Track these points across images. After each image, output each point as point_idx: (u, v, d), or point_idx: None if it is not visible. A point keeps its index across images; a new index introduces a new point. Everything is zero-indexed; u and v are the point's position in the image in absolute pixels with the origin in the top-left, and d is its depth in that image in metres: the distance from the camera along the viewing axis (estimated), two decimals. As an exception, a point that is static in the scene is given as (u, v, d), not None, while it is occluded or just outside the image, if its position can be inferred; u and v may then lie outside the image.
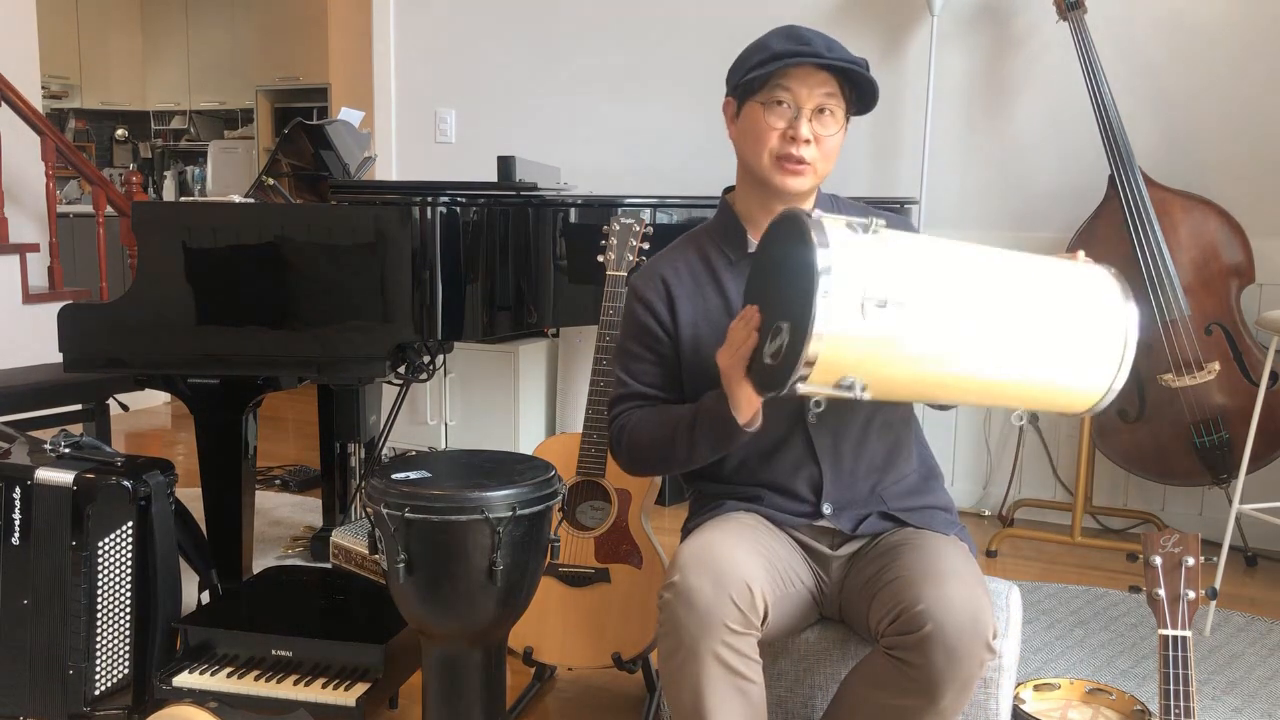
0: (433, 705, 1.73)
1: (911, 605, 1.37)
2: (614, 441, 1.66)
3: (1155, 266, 2.98)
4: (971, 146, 3.53)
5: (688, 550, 1.45)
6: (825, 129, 1.53)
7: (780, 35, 1.56)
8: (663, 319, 1.63)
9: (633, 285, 1.69)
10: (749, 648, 1.43)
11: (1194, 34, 3.21)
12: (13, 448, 2.04)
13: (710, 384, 1.60)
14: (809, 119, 1.52)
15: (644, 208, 2.74)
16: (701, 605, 1.39)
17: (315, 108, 6.62)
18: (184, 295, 2.29)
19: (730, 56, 1.62)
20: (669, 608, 1.42)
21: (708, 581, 1.40)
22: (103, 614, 1.92)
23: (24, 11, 4.87)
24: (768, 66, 1.52)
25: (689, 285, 1.64)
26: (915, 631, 1.36)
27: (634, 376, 1.65)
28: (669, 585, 1.43)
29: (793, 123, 1.52)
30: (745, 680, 1.42)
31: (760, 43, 1.57)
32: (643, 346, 1.65)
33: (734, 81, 1.59)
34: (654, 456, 1.60)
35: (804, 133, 1.51)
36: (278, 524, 3.34)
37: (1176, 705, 1.48)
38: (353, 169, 2.96)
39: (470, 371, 3.88)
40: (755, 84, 1.54)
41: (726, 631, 1.39)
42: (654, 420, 1.59)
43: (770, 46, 1.54)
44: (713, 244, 1.66)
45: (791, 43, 1.53)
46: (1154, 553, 1.54)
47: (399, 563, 1.62)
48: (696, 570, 1.41)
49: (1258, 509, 2.66)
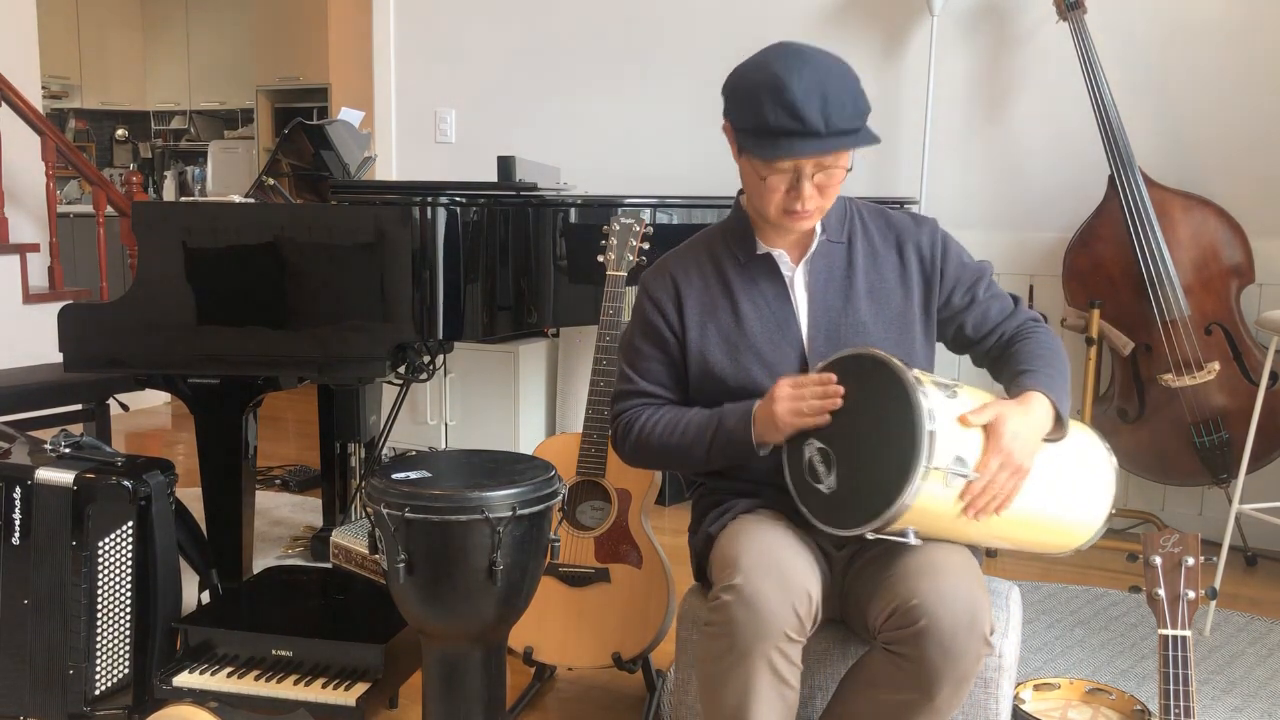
0: (433, 705, 1.73)
1: (907, 600, 1.37)
2: (619, 436, 1.67)
3: (1155, 266, 2.98)
4: (971, 147, 3.53)
5: (750, 552, 1.43)
6: (829, 180, 1.51)
7: (772, 99, 1.42)
8: (671, 319, 1.64)
9: (643, 282, 1.69)
10: (797, 655, 1.43)
11: (1194, 34, 3.20)
12: (13, 448, 2.04)
13: (713, 385, 1.60)
14: (810, 177, 1.49)
15: (644, 208, 2.74)
16: (766, 610, 1.38)
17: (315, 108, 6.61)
18: (184, 295, 2.29)
19: (731, 56, 1.60)
20: (727, 609, 1.39)
21: (774, 586, 1.39)
22: (103, 614, 1.92)
23: (24, 11, 4.87)
24: (763, 147, 1.45)
25: (698, 285, 1.64)
26: (911, 626, 1.36)
27: (640, 374, 1.66)
28: (730, 587, 1.40)
29: (794, 185, 1.49)
30: (788, 687, 1.42)
31: (752, 97, 1.45)
32: (650, 345, 1.66)
33: (730, 119, 1.52)
34: (662, 457, 1.63)
35: (807, 192, 1.49)
36: (278, 524, 3.34)
37: (1176, 705, 1.48)
38: (353, 169, 2.96)
39: (470, 371, 3.88)
40: (751, 152, 1.49)
41: (784, 639, 1.39)
42: (667, 424, 1.60)
43: (764, 117, 1.43)
44: (724, 245, 1.66)
45: (786, 115, 1.42)
46: (1154, 553, 1.54)
47: (399, 563, 1.62)
48: (762, 574, 1.40)
49: (1258, 509, 2.66)
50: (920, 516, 1.35)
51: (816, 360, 1.55)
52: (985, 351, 1.67)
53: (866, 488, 1.36)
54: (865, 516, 1.35)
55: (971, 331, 1.65)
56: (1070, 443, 1.53)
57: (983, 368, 1.71)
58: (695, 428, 1.58)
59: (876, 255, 1.63)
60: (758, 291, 1.62)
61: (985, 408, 1.40)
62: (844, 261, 1.62)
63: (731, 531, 1.53)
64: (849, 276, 1.62)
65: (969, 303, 1.64)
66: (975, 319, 1.65)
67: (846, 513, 1.39)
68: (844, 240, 1.63)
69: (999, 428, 1.38)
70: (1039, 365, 1.53)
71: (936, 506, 1.35)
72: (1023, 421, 1.41)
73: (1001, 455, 1.37)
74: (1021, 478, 1.40)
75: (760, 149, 1.46)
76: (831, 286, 1.61)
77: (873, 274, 1.62)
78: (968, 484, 1.36)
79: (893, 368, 1.37)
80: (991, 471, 1.37)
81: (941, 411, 1.34)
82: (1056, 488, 1.50)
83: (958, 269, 1.64)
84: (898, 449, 1.33)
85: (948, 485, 1.34)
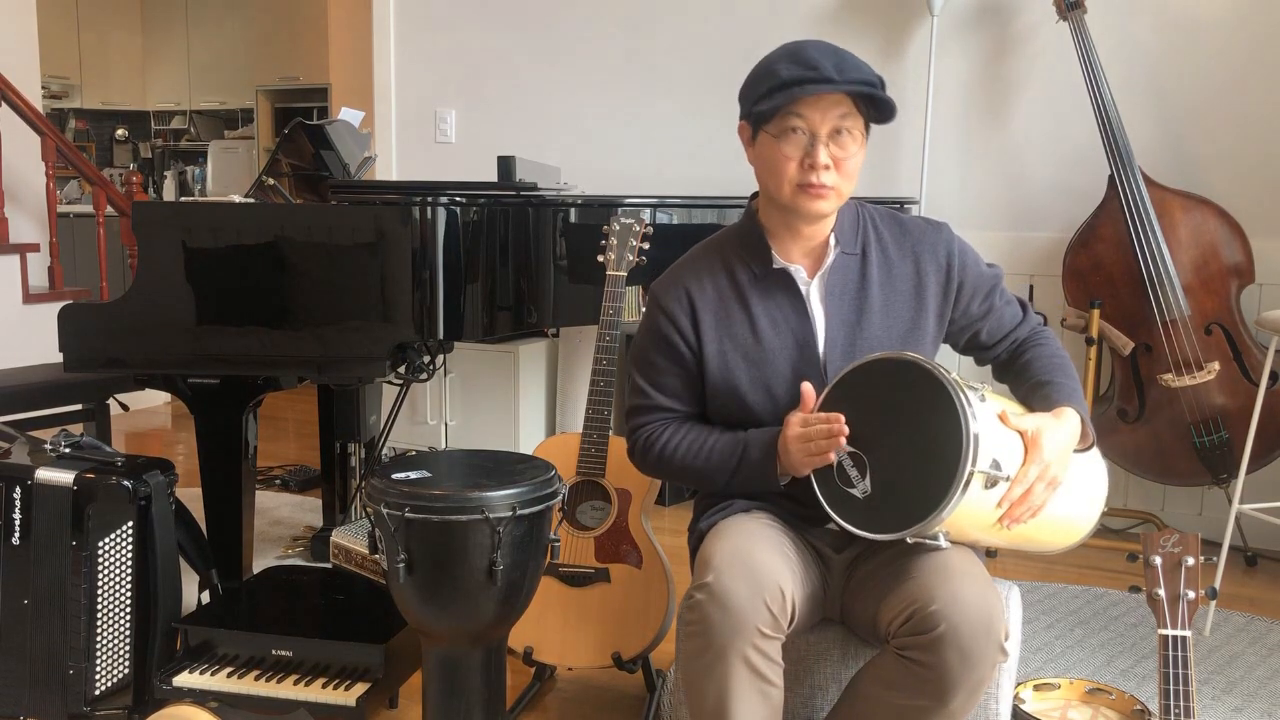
0: (433, 705, 1.73)
1: (925, 605, 1.37)
2: (637, 450, 1.67)
3: (1155, 266, 2.98)
4: (971, 147, 3.53)
5: (722, 551, 1.44)
6: (844, 150, 1.50)
7: (786, 59, 1.48)
8: (686, 334, 1.61)
9: (655, 294, 1.66)
10: (775, 651, 1.43)
11: (1194, 34, 3.20)
12: (13, 448, 2.04)
13: (734, 401, 1.60)
14: (826, 143, 1.48)
15: (644, 208, 2.73)
16: (736, 607, 1.38)
17: (315, 108, 6.62)
18: (184, 295, 2.28)
19: (731, 57, 1.61)
20: (701, 608, 1.40)
21: (743, 584, 1.39)
22: (103, 614, 1.92)
23: (24, 11, 4.87)
24: (776, 98, 1.46)
25: (713, 300, 1.62)
26: (929, 632, 1.36)
27: (657, 388, 1.65)
28: (702, 586, 1.41)
29: (809, 150, 1.48)
30: (769, 684, 1.42)
31: (767, 68, 1.50)
32: (665, 359, 1.63)
33: (745, 109, 1.54)
34: (682, 477, 1.64)
35: (822, 159, 1.48)
36: (278, 524, 3.34)
37: (1176, 705, 1.48)
38: (353, 169, 2.96)
39: (470, 371, 3.88)
40: (767, 114, 1.49)
41: (758, 635, 1.39)
42: (691, 446, 1.60)
43: (778, 73, 1.47)
44: (737, 256, 1.63)
45: (799, 67, 1.46)
46: (1154, 553, 1.54)
47: (399, 563, 1.62)
48: (732, 572, 1.40)
49: (1258, 509, 2.66)
50: (956, 519, 1.35)
51: (833, 377, 1.52)
52: (995, 356, 1.68)
53: (905, 492, 1.36)
54: (908, 520, 1.35)
55: (986, 338, 1.66)
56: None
57: (984, 367, 1.71)
58: (719, 455, 1.57)
59: (891, 266, 1.62)
60: (775, 306, 1.60)
61: (1026, 417, 1.43)
62: (858, 274, 1.60)
63: (714, 532, 1.54)
64: (863, 289, 1.60)
65: (986, 311, 1.65)
66: (991, 326, 1.66)
67: (885, 517, 1.38)
68: (858, 252, 1.61)
69: (1039, 440, 1.41)
70: (1060, 378, 1.56)
71: (972, 510, 1.36)
72: (1061, 436, 1.44)
73: (1041, 466, 1.40)
74: (1055, 488, 1.44)
75: (773, 102, 1.46)
76: (846, 301, 1.60)
77: (887, 287, 1.61)
78: (1006, 493, 1.38)
79: (931, 371, 1.37)
80: (1030, 481, 1.40)
81: (981, 414, 1.35)
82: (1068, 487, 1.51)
83: (976, 279, 1.64)
84: (940, 452, 1.33)
85: (985, 489, 1.35)
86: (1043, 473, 1.41)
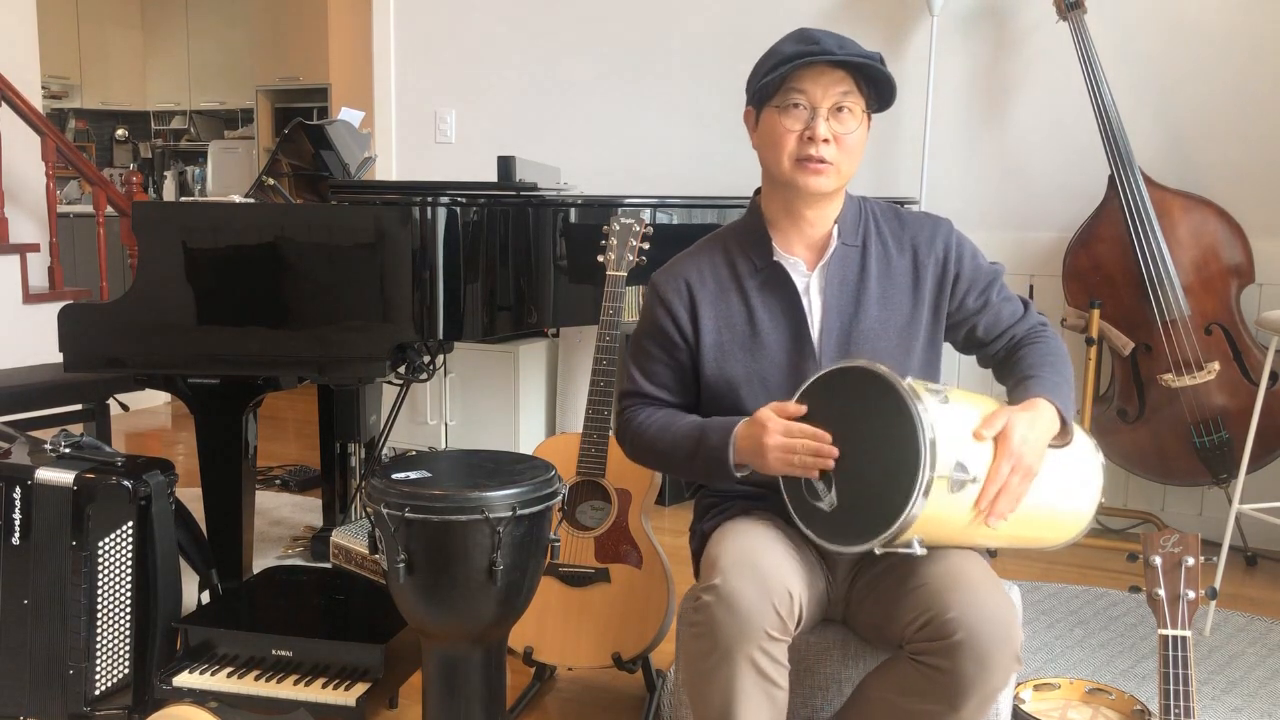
0: (433, 705, 1.73)
1: (942, 612, 1.37)
2: (619, 431, 1.69)
3: (1155, 266, 2.98)
4: (971, 146, 3.53)
5: (729, 553, 1.44)
6: (844, 126, 1.53)
7: (791, 38, 1.55)
8: (683, 325, 1.63)
9: (654, 283, 1.68)
10: (782, 654, 1.42)
11: (1194, 34, 3.21)
12: (13, 448, 2.04)
13: (729, 392, 1.60)
14: (826, 118, 1.51)
15: (644, 208, 2.74)
16: (744, 609, 1.38)
17: (315, 108, 6.61)
18: (184, 295, 2.28)
19: (731, 57, 1.63)
20: (708, 609, 1.40)
21: (752, 586, 1.39)
22: (103, 614, 1.92)
23: (24, 11, 4.87)
24: (779, 70, 1.51)
25: (713, 290, 1.63)
26: (947, 638, 1.35)
27: (646, 376, 1.66)
28: (709, 587, 1.41)
29: (809, 123, 1.51)
30: (774, 686, 1.42)
31: (773, 49, 1.57)
32: (658, 348, 1.65)
33: (751, 89, 1.58)
34: (653, 460, 1.66)
35: (822, 132, 1.51)
36: (278, 524, 3.34)
37: (1176, 705, 1.48)
38: (353, 169, 2.96)
39: (470, 371, 3.88)
40: (770, 89, 1.53)
41: (765, 637, 1.38)
42: (659, 428, 1.61)
43: (782, 51, 1.54)
44: (738, 247, 1.65)
45: (802, 44, 1.52)
46: (1154, 553, 1.54)
47: (399, 563, 1.62)
48: (740, 574, 1.40)
49: (1258, 509, 2.66)
50: (926, 525, 1.34)
51: (798, 389, 1.51)
52: (993, 354, 1.67)
53: (869, 502, 1.35)
54: (871, 532, 1.34)
55: (983, 334, 1.66)
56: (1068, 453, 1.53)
57: (987, 368, 1.71)
58: (680, 437, 1.58)
59: (890, 259, 1.63)
60: (774, 298, 1.61)
61: (993, 417, 1.40)
62: (858, 266, 1.62)
63: (719, 533, 1.53)
64: (862, 282, 1.61)
65: (982, 306, 1.64)
66: (987, 322, 1.65)
67: (851, 529, 1.37)
68: (858, 244, 1.62)
69: (1008, 433, 1.39)
70: (1044, 372, 1.54)
71: (943, 514, 1.35)
72: (1030, 426, 1.41)
73: (1012, 459, 1.38)
74: (1030, 480, 1.41)
75: (777, 74, 1.51)
76: (845, 293, 1.61)
77: (885, 279, 1.61)
78: (981, 492, 1.37)
79: (886, 379, 1.35)
80: (1003, 476, 1.38)
81: (940, 419, 1.33)
82: (1054, 481, 1.50)
83: (973, 272, 1.64)
84: (899, 461, 1.32)
85: (952, 492, 1.33)
86: (1016, 465, 1.38)
